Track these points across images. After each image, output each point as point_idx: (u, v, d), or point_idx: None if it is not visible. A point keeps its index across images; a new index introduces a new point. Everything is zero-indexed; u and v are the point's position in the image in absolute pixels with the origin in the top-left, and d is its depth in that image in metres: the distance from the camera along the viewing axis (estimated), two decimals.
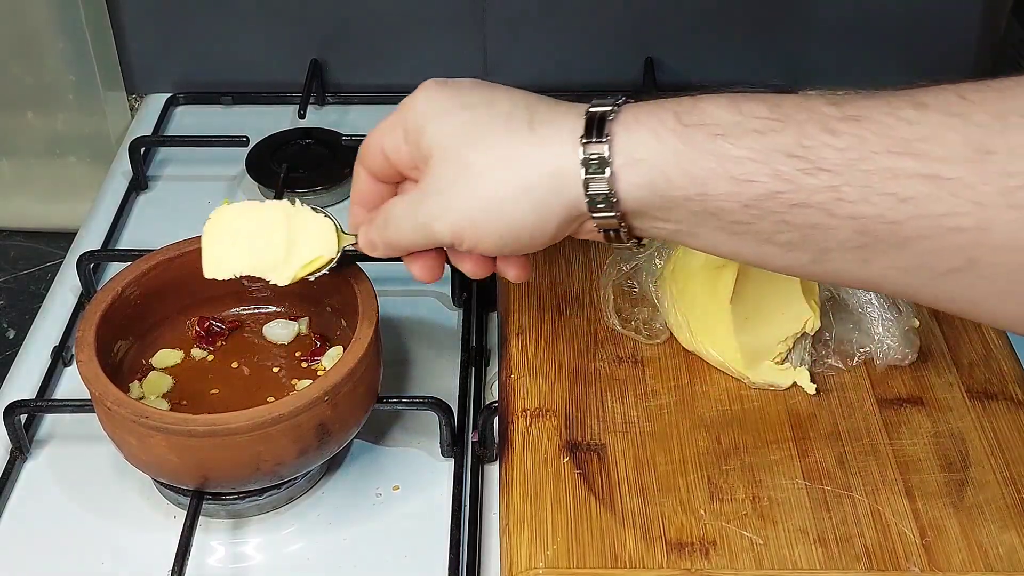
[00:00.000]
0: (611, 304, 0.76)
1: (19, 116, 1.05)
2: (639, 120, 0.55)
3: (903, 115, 0.48)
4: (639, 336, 0.75)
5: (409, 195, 0.62)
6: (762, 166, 0.51)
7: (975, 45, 1.06)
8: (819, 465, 0.67)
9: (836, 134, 0.49)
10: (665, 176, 0.53)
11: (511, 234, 0.59)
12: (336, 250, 0.69)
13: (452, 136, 0.59)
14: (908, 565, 0.61)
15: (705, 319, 0.72)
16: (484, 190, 0.58)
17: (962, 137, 0.47)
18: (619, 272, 0.77)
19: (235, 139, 0.98)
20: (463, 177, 0.58)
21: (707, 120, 0.53)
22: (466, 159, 0.58)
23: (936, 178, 0.47)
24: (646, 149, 0.54)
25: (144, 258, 0.74)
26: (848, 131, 0.49)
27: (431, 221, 0.60)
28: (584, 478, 0.66)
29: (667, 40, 1.07)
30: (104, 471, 0.73)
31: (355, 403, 0.69)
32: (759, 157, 0.51)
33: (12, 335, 0.96)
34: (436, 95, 0.61)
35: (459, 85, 0.62)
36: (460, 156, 0.58)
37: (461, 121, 0.59)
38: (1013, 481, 0.65)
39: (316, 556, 0.69)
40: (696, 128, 0.53)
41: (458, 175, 0.58)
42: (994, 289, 0.49)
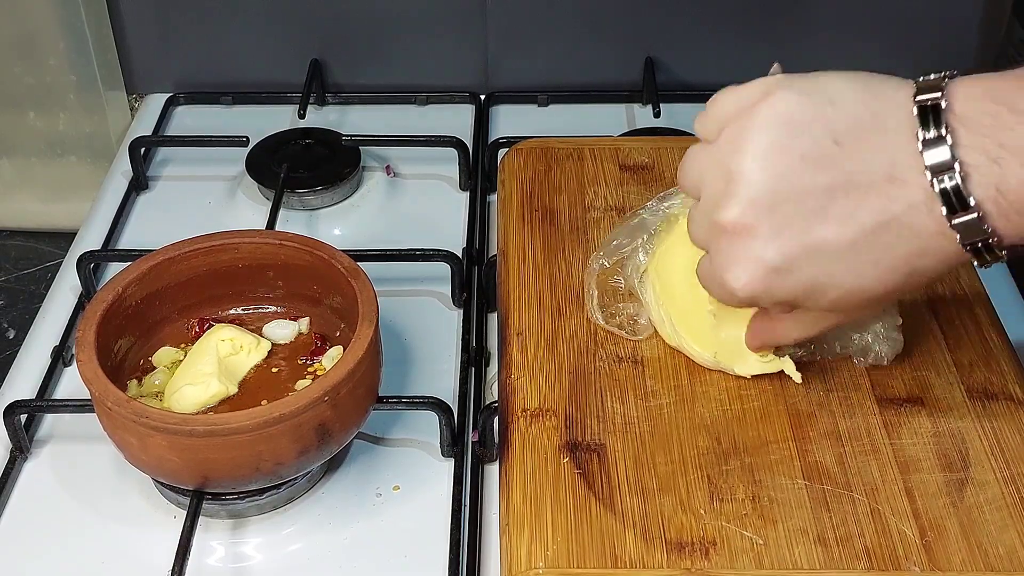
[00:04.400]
0: (595, 299, 0.76)
1: (20, 116, 1.06)
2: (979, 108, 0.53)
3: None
4: (623, 332, 0.75)
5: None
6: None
7: (975, 45, 1.06)
8: (819, 465, 0.67)
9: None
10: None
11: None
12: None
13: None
14: (908, 565, 0.61)
15: (687, 315, 0.72)
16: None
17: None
18: (602, 267, 0.77)
19: (235, 139, 0.98)
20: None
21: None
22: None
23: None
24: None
25: (144, 258, 0.74)
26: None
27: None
28: (584, 478, 0.66)
29: (667, 40, 1.07)
30: (104, 471, 0.73)
31: (355, 403, 0.69)
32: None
33: (12, 335, 0.96)
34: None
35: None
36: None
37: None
38: (1013, 481, 0.65)
39: (316, 556, 0.69)
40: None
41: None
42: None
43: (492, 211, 0.94)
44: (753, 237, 0.57)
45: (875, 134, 0.54)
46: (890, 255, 0.55)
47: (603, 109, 1.08)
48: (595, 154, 0.91)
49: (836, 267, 0.56)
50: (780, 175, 0.55)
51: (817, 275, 0.57)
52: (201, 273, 0.75)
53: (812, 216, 0.55)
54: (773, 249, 0.56)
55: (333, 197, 0.96)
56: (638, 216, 0.78)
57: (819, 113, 0.55)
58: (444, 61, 1.09)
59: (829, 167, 0.55)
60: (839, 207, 0.55)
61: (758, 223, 0.56)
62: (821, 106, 0.55)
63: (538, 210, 0.85)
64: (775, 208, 0.56)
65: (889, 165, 0.54)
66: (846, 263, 0.56)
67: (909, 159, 0.53)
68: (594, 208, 0.85)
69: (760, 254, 0.57)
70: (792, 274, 0.57)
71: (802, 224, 0.56)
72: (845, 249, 0.56)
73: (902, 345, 0.72)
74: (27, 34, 1.01)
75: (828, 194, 0.55)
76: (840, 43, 1.06)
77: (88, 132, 1.07)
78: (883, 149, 0.54)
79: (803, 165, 0.55)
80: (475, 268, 0.89)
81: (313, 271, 0.75)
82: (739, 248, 0.57)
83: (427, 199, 0.97)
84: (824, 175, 0.55)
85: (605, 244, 0.78)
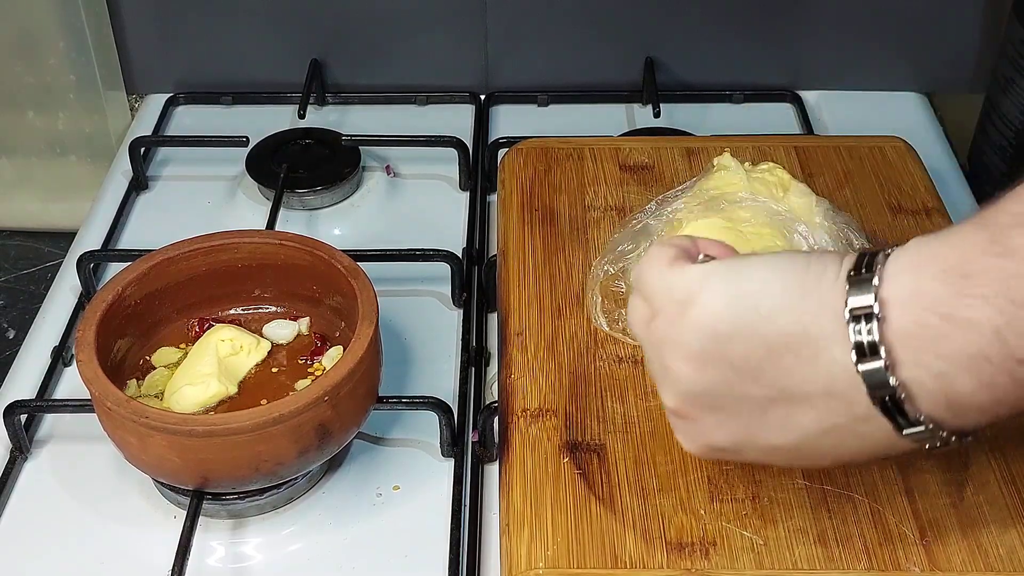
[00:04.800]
0: (599, 305, 0.76)
1: (20, 116, 1.05)
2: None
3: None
4: (626, 337, 0.75)
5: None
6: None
7: (975, 45, 1.06)
8: None
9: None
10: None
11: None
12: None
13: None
14: (908, 565, 0.61)
15: None
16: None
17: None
18: (605, 273, 0.77)
19: (235, 139, 0.98)
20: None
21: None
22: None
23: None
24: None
25: (144, 258, 0.74)
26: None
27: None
28: (584, 478, 0.66)
29: (667, 40, 1.07)
30: (104, 471, 0.73)
31: (355, 403, 0.69)
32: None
33: (12, 335, 0.96)
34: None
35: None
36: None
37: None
38: (1013, 481, 0.65)
39: (316, 556, 0.69)
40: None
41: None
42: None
43: (492, 211, 0.94)
44: (696, 422, 0.57)
45: (807, 348, 0.51)
46: (839, 450, 0.54)
47: (603, 109, 1.08)
48: (595, 154, 0.91)
49: (785, 456, 0.56)
50: (713, 381, 0.54)
51: (765, 456, 0.57)
52: (201, 273, 0.75)
53: (752, 420, 0.55)
54: (718, 436, 0.57)
55: (333, 197, 0.96)
56: (641, 221, 0.78)
57: (746, 323, 0.53)
58: (444, 61, 1.09)
59: (761, 379, 0.53)
60: (778, 415, 0.54)
61: (700, 415, 0.56)
62: (748, 313, 0.53)
63: (538, 210, 0.85)
64: (714, 407, 0.55)
65: (827, 381, 0.51)
66: (794, 455, 0.56)
67: (847, 376, 0.50)
68: (594, 208, 0.85)
69: (705, 437, 0.57)
70: (740, 453, 0.57)
71: (744, 424, 0.55)
72: (791, 448, 0.55)
73: None
74: (27, 34, 1.01)
75: (765, 403, 0.53)
76: (840, 43, 1.06)
77: (88, 132, 1.07)
78: (818, 364, 0.51)
79: (735, 375, 0.53)
80: (475, 268, 0.88)
81: (313, 271, 0.75)
82: (683, 425, 0.58)
83: (427, 199, 0.97)
84: (758, 387, 0.53)
85: (609, 250, 0.78)
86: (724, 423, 0.56)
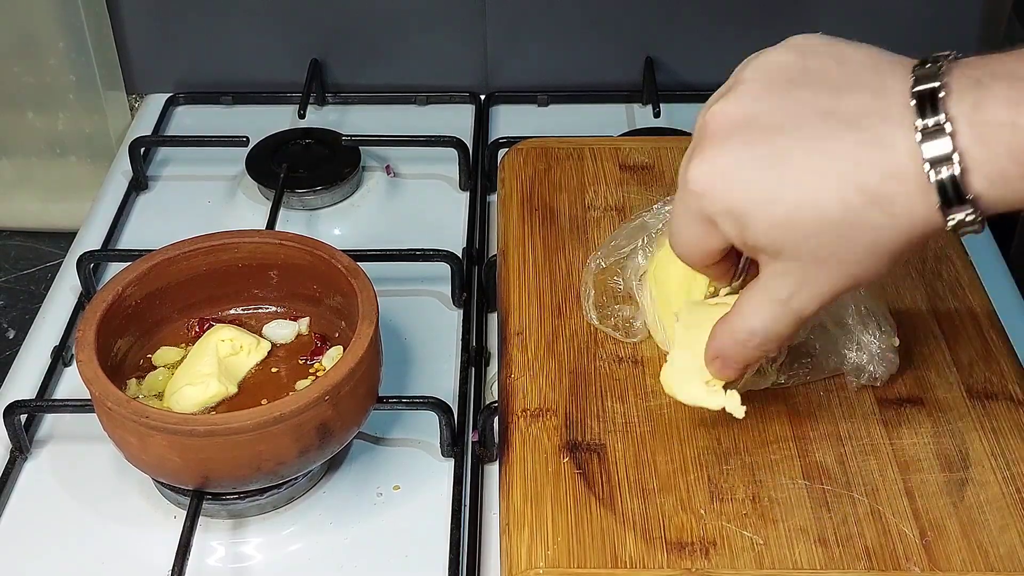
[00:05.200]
0: (591, 299, 0.76)
1: (19, 116, 1.06)
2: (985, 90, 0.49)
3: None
4: (616, 333, 0.75)
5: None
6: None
7: (975, 44, 1.06)
8: (819, 465, 0.67)
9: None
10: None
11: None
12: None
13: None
14: (908, 565, 0.61)
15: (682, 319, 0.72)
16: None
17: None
18: (599, 267, 0.77)
19: (235, 139, 0.98)
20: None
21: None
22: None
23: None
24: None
25: (144, 258, 0.74)
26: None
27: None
28: (584, 478, 0.66)
29: (667, 40, 1.07)
30: (104, 471, 0.73)
31: (355, 403, 0.69)
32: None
33: (12, 335, 0.96)
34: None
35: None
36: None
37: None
38: (1013, 481, 0.65)
39: (316, 556, 0.69)
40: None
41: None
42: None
43: (492, 211, 0.94)
44: (728, 134, 0.55)
45: (877, 93, 0.52)
46: (853, 182, 0.52)
47: (603, 109, 1.08)
48: (595, 154, 0.91)
49: (793, 174, 0.53)
50: (777, 82, 0.55)
51: (771, 181, 0.53)
52: (201, 273, 0.75)
53: (782, 153, 0.53)
54: (735, 146, 0.54)
55: (333, 197, 0.96)
56: (639, 218, 0.78)
57: (830, 43, 0.55)
58: (444, 61, 1.09)
59: (827, 90, 0.53)
60: (815, 150, 0.52)
61: (734, 133, 0.55)
62: (834, 42, 0.56)
63: (538, 210, 0.85)
64: (755, 122, 0.54)
65: (882, 130, 0.52)
66: (804, 173, 0.53)
67: (908, 145, 0.51)
68: (594, 208, 0.85)
69: (728, 150, 0.55)
70: (747, 170, 0.54)
71: (771, 156, 0.53)
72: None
73: (896, 366, 0.71)
74: (27, 34, 1.01)
75: (810, 122, 0.53)
76: None
77: (88, 132, 1.07)
78: (877, 100, 0.52)
79: (804, 77, 0.54)
80: (475, 268, 0.89)
81: (313, 271, 0.75)
82: (709, 142, 0.55)
83: (427, 199, 0.97)
84: (814, 94, 0.53)
85: (605, 244, 0.78)
86: (752, 150, 0.54)
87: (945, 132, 0.50)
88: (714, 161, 0.55)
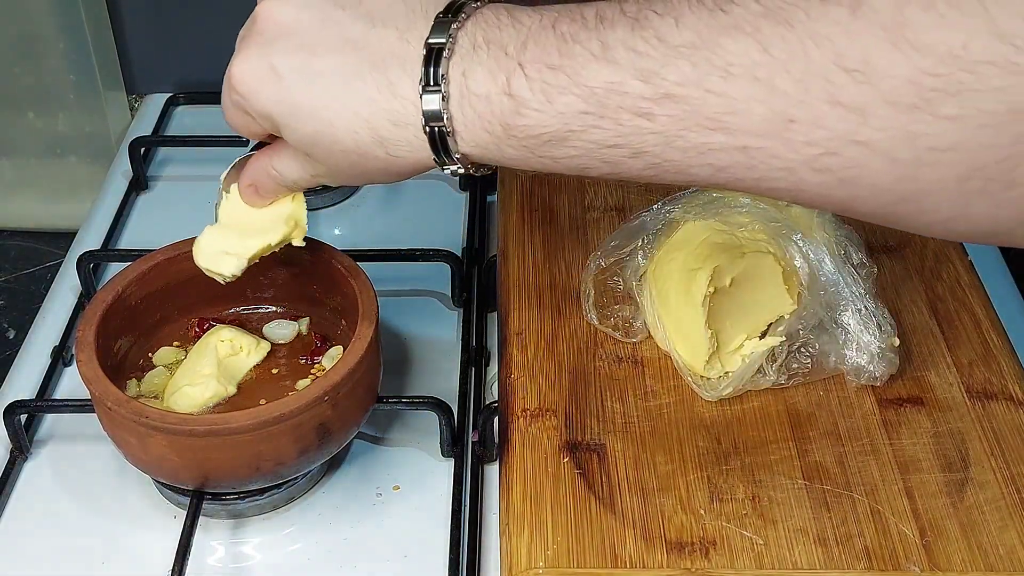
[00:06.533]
0: (591, 299, 0.76)
1: (20, 116, 1.06)
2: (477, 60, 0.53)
3: (711, 86, 0.48)
4: (616, 333, 0.75)
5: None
6: (589, 160, 0.52)
7: None
8: (819, 465, 0.67)
9: (652, 118, 0.49)
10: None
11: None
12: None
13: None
14: (908, 565, 0.61)
15: (679, 322, 0.72)
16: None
17: (767, 109, 0.47)
18: (599, 267, 0.77)
19: (235, 139, 0.98)
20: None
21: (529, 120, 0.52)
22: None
23: (747, 148, 0.48)
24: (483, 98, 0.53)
25: (144, 258, 0.74)
26: (663, 113, 0.49)
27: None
28: (584, 478, 0.66)
29: None
30: (104, 471, 0.73)
31: (355, 403, 0.69)
32: (584, 152, 0.52)
33: (12, 335, 0.96)
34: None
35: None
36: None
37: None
38: (1013, 481, 0.65)
39: (316, 556, 0.69)
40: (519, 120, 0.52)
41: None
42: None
43: (492, 211, 0.94)
44: (273, 38, 0.58)
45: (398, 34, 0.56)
46: (366, 122, 0.56)
47: None
48: None
49: (318, 100, 0.57)
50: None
51: (300, 97, 0.57)
52: (201, 273, 0.75)
53: (324, 52, 0.56)
54: (278, 52, 0.58)
55: (333, 197, 0.96)
56: (639, 218, 0.78)
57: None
58: None
59: (363, 19, 0.56)
60: (347, 62, 0.56)
61: (285, 28, 0.58)
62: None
63: (538, 210, 0.85)
64: (305, 26, 0.57)
65: (399, 59, 0.55)
66: (327, 101, 0.56)
67: (412, 68, 0.54)
68: (594, 208, 0.85)
69: (268, 53, 0.58)
70: (284, 82, 0.58)
71: (312, 51, 0.57)
72: (331, 94, 0.56)
73: (896, 366, 0.71)
74: (27, 34, 1.01)
75: (346, 43, 0.56)
76: None
77: (88, 132, 1.07)
78: (401, 42, 0.55)
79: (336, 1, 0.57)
80: (475, 268, 0.88)
81: (313, 271, 0.75)
82: (255, 40, 0.59)
83: (427, 199, 0.97)
84: (356, 24, 0.56)
85: (605, 244, 0.78)
86: (289, 60, 0.57)
87: (440, 92, 0.53)
88: (256, 63, 0.59)
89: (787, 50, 0.46)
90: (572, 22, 0.52)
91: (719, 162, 0.49)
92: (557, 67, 0.51)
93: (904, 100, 0.44)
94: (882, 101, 0.45)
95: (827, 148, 0.47)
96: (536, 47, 0.52)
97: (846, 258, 0.74)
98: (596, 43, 0.51)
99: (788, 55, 0.46)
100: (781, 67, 0.46)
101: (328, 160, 0.59)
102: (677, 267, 0.73)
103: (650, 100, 0.49)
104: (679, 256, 0.73)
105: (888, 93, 0.45)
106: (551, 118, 0.51)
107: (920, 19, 0.44)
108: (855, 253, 0.74)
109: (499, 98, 0.52)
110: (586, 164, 0.53)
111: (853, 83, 0.45)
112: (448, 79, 0.53)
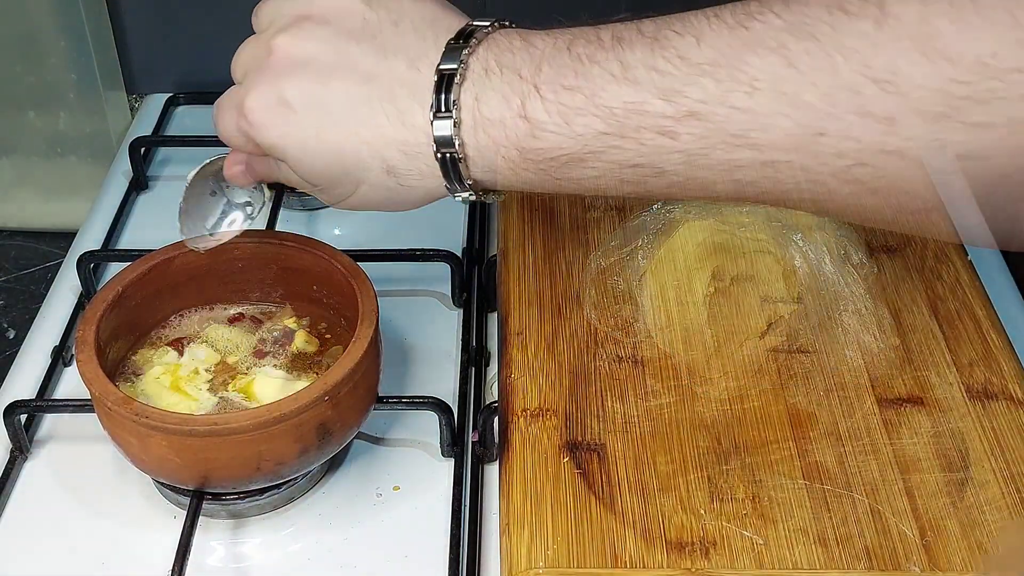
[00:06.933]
0: (591, 299, 0.76)
1: (20, 116, 1.05)
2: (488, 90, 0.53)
3: (736, 102, 0.48)
4: (616, 333, 0.75)
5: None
6: (610, 180, 0.52)
7: None
8: (819, 465, 0.67)
9: (676, 137, 0.49)
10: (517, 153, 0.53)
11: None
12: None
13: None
14: (908, 565, 0.61)
15: (679, 321, 0.72)
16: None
17: (794, 123, 0.47)
18: (599, 267, 0.77)
19: None
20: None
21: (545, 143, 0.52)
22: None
23: (775, 163, 0.48)
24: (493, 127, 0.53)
25: (144, 258, 0.74)
26: (686, 132, 0.49)
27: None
28: (584, 478, 0.66)
29: None
30: (104, 471, 0.73)
31: (355, 403, 0.69)
32: (605, 172, 0.52)
33: (12, 335, 0.96)
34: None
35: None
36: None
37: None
38: (1013, 481, 0.65)
39: (316, 556, 0.69)
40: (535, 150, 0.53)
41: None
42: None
43: (492, 211, 0.94)
44: (289, 70, 0.58)
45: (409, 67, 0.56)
46: (378, 153, 0.56)
47: None
48: None
49: (329, 132, 0.57)
50: (340, 31, 0.57)
51: (311, 130, 0.57)
52: (201, 273, 0.75)
53: (338, 86, 0.56)
54: (291, 85, 0.57)
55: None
56: (639, 218, 0.78)
57: (392, 3, 0.58)
58: None
59: (374, 51, 0.56)
60: (360, 95, 0.56)
61: (301, 61, 0.57)
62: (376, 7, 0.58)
63: (538, 210, 0.85)
64: (320, 59, 0.57)
65: (410, 88, 0.55)
66: (339, 134, 0.56)
67: (423, 95, 0.55)
68: (594, 208, 0.85)
69: (281, 86, 0.58)
70: (294, 116, 0.57)
71: (326, 84, 0.57)
72: (343, 127, 0.56)
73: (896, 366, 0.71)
74: (27, 34, 1.01)
75: (358, 75, 0.56)
76: None
77: (88, 132, 1.07)
78: (411, 71, 0.55)
79: (362, 31, 0.57)
80: (475, 268, 0.88)
81: (313, 271, 0.75)
82: (272, 72, 0.58)
83: None
84: (368, 57, 0.56)
85: (605, 244, 0.78)
86: (304, 94, 0.57)
87: (452, 118, 0.53)
88: (268, 96, 0.58)
89: (813, 64, 0.46)
90: (588, 44, 0.52)
91: (745, 178, 0.49)
92: (574, 88, 0.51)
93: (934, 109, 0.45)
94: (911, 110, 0.45)
95: (857, 159, 0.47)
96: (551, 69, 0.52)
97: (846, 258, 0.74)
98: (615, 63, 0.50)
99: (815, 68, 0.46)
100: (808, 81, 0.46)
101: (334, 190, 0.59)
102: (677, 267, 0.73)
103: (672, 119, 0.49)
104: (679, 256, 0.73)
105: (918, 102, 0.45)
106: (569, 140, 0.51)
107: (948, 29, 0.44)
108: (855, 253, 0.74)
109: (514, 122, 0.52)
110: (606, 184, 0.52)
111: (882, 93, 0.45)
112: (460, 105, 0.53)
